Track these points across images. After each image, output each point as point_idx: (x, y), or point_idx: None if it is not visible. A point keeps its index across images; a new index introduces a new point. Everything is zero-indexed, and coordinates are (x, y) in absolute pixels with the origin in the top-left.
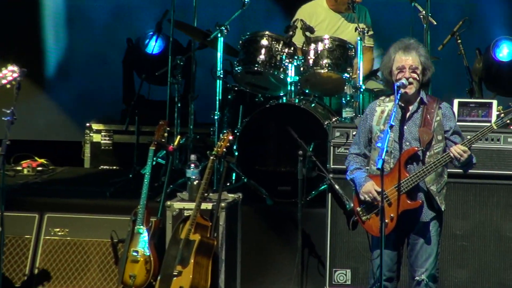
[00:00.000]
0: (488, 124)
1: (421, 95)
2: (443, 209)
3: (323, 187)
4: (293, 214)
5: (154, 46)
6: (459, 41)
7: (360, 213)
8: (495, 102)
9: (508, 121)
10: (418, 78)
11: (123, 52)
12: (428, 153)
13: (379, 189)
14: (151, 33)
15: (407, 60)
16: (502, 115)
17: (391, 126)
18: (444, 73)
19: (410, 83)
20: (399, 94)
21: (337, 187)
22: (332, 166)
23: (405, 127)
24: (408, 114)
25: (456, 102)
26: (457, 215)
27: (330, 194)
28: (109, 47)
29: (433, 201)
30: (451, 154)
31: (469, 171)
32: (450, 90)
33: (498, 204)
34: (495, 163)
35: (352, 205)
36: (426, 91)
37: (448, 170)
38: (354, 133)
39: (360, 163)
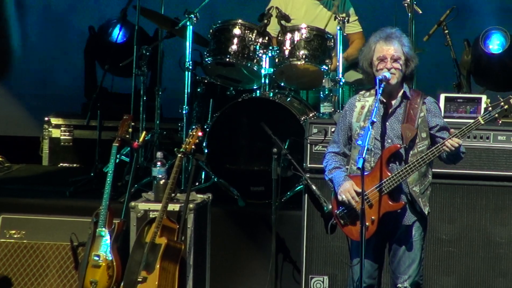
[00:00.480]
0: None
1: (404, 88)
2: (426, 212)
3: (299, 187)
4: (266, 217)
5: (118, 34)
6: (446, 31)
7: (339, 215)
8: (484, 97)
9: (496, 115)
10: (400, 68)
11: (84, 41)
12: (411, 152)
13: (359, 189)
14: (115, 20)
15: (389, 50)
16: (490, 108)
17: (373, 123)
18: (429, 65)
19: (392, 74)
20: (381, 88)
21: (314, 187)
22: (308, 165)
23: (387, 123)
24: (390, 110)
25: (442, 97)
26: (443, 219)
27: (306, 195)
28: (70, 36)
29: (415, 203)
30: (445, 149)
31: (456, 171)
32: (436, 84)
33: (487, 207)
34: (484, 162)
35: (330, 207)
36: (410, 85)
37: (433, 170)
38: (333, 129)
39: (339, 162)
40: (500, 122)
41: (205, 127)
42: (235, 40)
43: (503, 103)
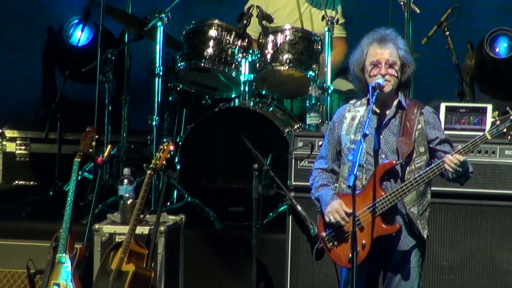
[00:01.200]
0: (481, 133)
1: (399, 97)
2: (425, 236)
3: (282, 208)
4: (246, 240)
5: (80, 36)
6: (447, 33)
7: (326, 239)
8: (489, 107)
9: (505, 130)
10: (396, 75)
11: (42, 44)
12: (408, 168)
13: (349, 210)
14: (77, 21)
15: (383, 54)
16: (498, 122)
17: (365, 136)
18: (428, 71)
19: (386, 80)
20: (374, 97)
21: (299, 208)
22: (293, 183)
23: (380, 136)
24: (384, 121)
25: (443, 106)
26: (444, 243)
27: (291, 216)
28: (26, 38)
29: (413, 226)
30: (446, 167)
31: (458, 189)
32: (436, 92)
33: (492, 230)
34: (490, 180)
35: (317, 229)
36: (406, 94)
37: (432, 188)
38: (320, 143)
39: (327, 180)
40: (509, 137)
41: (178, 140)
42: (211, 43)
43: None
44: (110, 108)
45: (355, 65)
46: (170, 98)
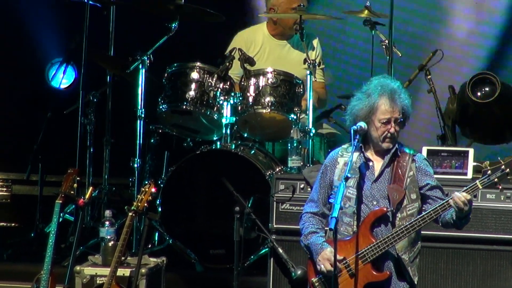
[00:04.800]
0: (464, 177)
1: (396, 146)
2: (415, 282)
3: (264, 250)
4: (228, 283)
5: (62, 78)
6: (429, 76)
7: (316, 284)
8: (471, 151)
9: (496, 180)
10: (399, 130)
11: (26, 84)
12: (399, 215)
13: (340, 257)
14: (59, 63)
15: (394, 112)
16: (489, 172)
17: (347, 178)
18: (411, 115)
19: (392, 137)
20: (356, 140)
21: (280, 250)
22: (275, 226)
23: (373, 183)
24: (379, 170)
25: (425, 150)
26: (425, 286)
27: (272, 259)
28: (7, 78)
29: (404, 272)
30: (453, 203)
31: (440, 233)
32: (417, 135)
33: (474, 273)
34: (471, 224)
35: (299, 272)
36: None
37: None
38: (301, 186)
39: (316, 226)
40: (501, 187)
41: (159, 182)
42: (193, 85)
43: (504, 166)
44: (92, 150)
45: (360, 112)
46: (152, 140)
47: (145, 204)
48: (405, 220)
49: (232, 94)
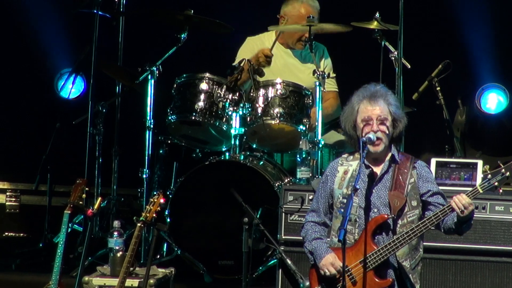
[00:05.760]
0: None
1: (392, 151)
2: None
3: (272, 261)
4: None
5: (71, 89)
6: (438, 88)
7: None
8: (480, 163)
9: (496, 183)
10: (387, 132)
11: (35, 95)
12: (400, 222)
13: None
14: (68, 73)
15: (374, 110)
16: (490, 176)
17: (356, 190)
18: (419, 126)
19: (378, 138)
20: (365, 152)
21: (289, 262)
22: (283, 237)
23: (373, 190)
24: (377, 176)
25: (433, 161)
26: None
27: (280, 270)
28: (16, 88)
29: (405, 280)
30: (453, 206)
31: (448, 244)
32: (427, 147)
33: (482, 286)
34: (480, 236)
35: (307, 284)
36: (398, 148)
37: (424, 243)
38: (310, 197)
39: (320, 233)
40: (501, 191)
41: (168, 193)
42: (202, 96)
43: (504, 170)
44: (100, 160)
45: (346, 122)
46: (161, 151)
47: (154, 215)
48: (406, 227)
49: (241, 105)
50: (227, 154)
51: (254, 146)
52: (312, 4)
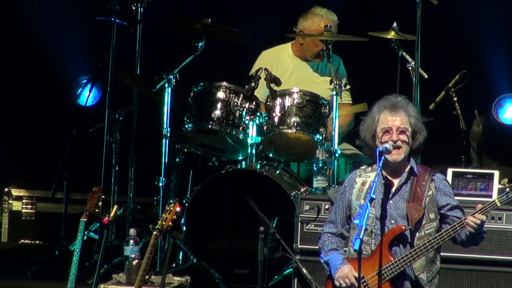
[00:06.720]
0: (489, 199)
1: (410, 164)
2: None
3: (288, 271)
4: None
5: (88, 97)
6: (455, 98)
7: None
8: (496, 173)
9: None
10: (407, 141)
11: (51, 102)
12: (417, 234)
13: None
14: (85, 81)
15: (395, 121)
16: (508, 189)
17: (372, 200)
18: (436, 137)
19: (397, 147)
20: (381, 161)
21: (305, 271)
22: (299, 246)
23: (390, 202)
24: (395, 187)
25: (450, 172)
26: None
27: (296, 279)
28: (33, 95)
29: None
30: (468, 227)
31: (464, 255)
32: (443, 157)
33: None
34: (496, 246)
35: None
36: (417, 160)
37: (441, 253)
38: (326, 206)
39: (337, 244)
40: None
41: (184, 201)
42: (219, 105)
43: None
44: (117, 168)
45: (366, 132)
46: (177, 159)
47: (170, 223)
48: (423, 239)
49: (258, 114)
50: (243, 163)
51: (271, 155)
52: (331, 18)
